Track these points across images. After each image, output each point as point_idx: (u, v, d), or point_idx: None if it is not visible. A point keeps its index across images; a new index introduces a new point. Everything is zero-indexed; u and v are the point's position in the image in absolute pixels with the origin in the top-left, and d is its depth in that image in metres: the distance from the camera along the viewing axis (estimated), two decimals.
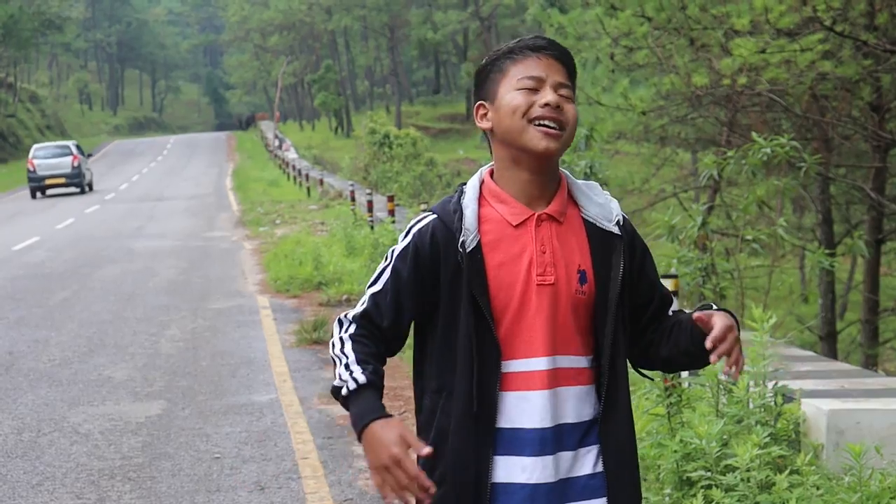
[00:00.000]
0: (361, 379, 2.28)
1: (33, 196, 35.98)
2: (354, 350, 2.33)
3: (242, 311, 12.27)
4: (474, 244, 2.33)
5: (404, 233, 2.43)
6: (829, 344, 12.26)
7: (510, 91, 2.35)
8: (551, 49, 2.38)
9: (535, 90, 2.34)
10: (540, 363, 2.32)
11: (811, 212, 15.86)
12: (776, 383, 5.03)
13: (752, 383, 4.98)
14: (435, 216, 2.40)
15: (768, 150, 8.30)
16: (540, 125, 2.32)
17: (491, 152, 2.44)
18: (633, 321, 2.46)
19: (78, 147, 37.84)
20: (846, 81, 10.18)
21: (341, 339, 2.36)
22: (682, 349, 2.42)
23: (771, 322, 4.89)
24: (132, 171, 47.32)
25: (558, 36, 13.66)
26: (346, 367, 2.31)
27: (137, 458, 6.65)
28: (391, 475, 2.18)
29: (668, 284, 5.83)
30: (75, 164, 36.17)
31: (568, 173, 2.48)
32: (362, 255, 14.97)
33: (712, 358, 2.27)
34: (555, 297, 2.32)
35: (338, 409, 7.70)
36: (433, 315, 2.38)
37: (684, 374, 5.86)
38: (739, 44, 9.64)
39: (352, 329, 2.37)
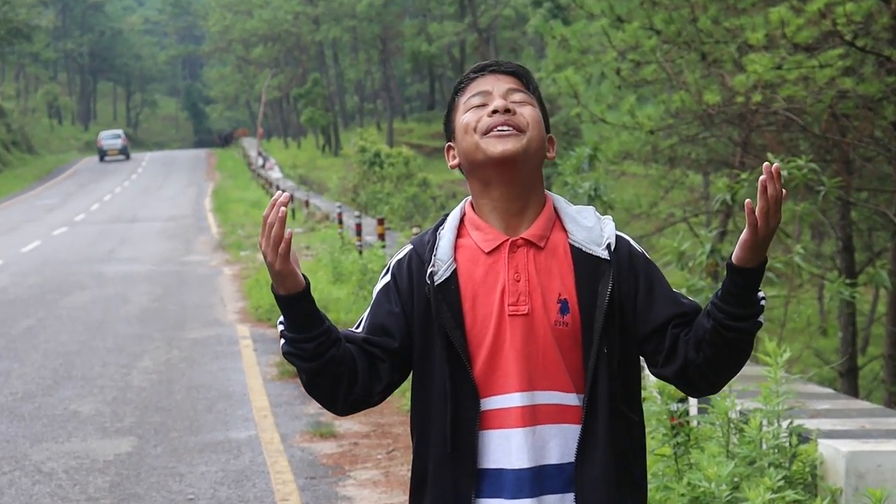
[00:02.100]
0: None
1: (101, 160, 67.20)
2: None
3: (221, 341, 12.26)
4: (447, 275, 2.32)
5: (385, 269, 2.43)
6: (849, 380, 12.26)
7: (461, 116, 2.37)
8: (497, 66, 2.40)
9: (483, 105, 2.35)
10: (515, 399, 2.28)
11: (831, 238, 15.90)
12: (791, 422, 5.03)
13: (765, 422, 4.98)
14: (412, 247, 2.41)
15: (785, 173, 8.33)
16: (495, 132, 2.32)
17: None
18: (658, 344, 2.33)
19: (125, 134, 73.93)
20: (868, 100, 10.21)
21: None
22: (709, 323, 2.26)
23: (786, 356, 4.90)
24: (104, 190, 47.28)
25: (561, 49, 13.72)
26: None
27: (104, 500, 6.62)
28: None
29: None
30: (123, 143, 69.28)
31: (557, 197, 2.45)
32: (349, 282, 14.97)
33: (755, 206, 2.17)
34: (529, 328, 2.29)
35: (321, 448, 7.69)
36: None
37: (693, 411, 5.86)
38: (754, 59, 9.68)
39: None
